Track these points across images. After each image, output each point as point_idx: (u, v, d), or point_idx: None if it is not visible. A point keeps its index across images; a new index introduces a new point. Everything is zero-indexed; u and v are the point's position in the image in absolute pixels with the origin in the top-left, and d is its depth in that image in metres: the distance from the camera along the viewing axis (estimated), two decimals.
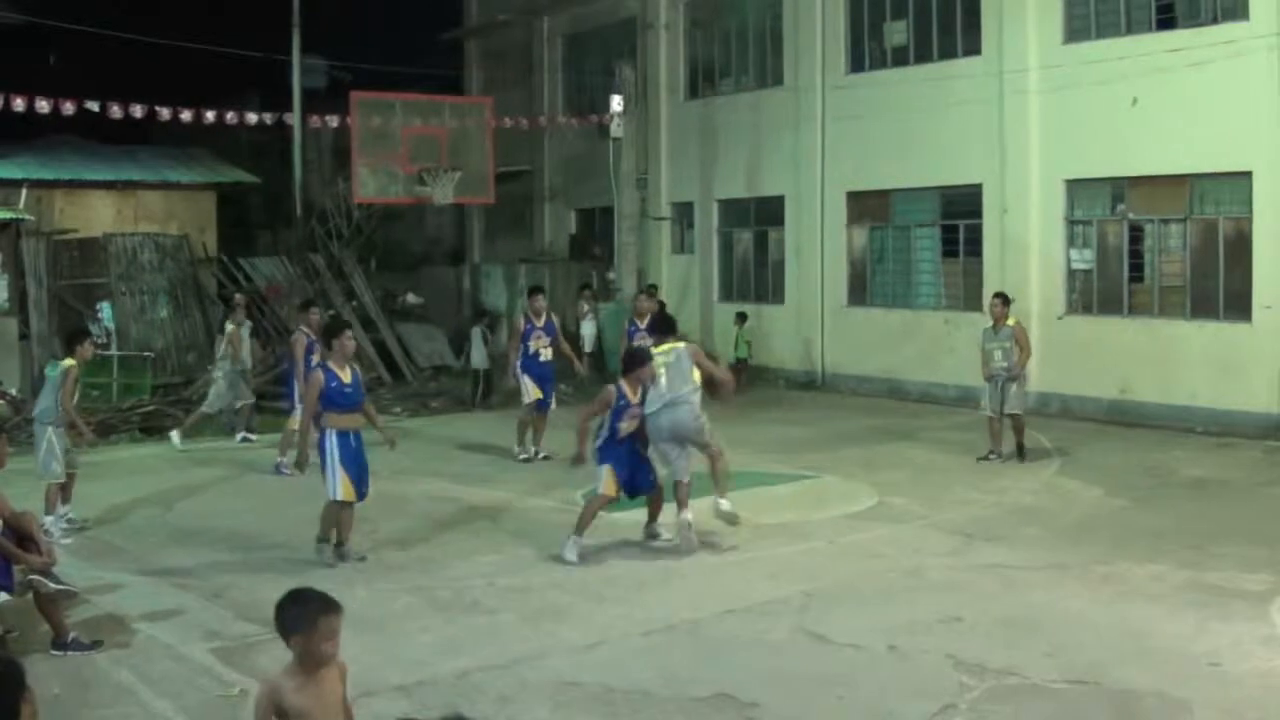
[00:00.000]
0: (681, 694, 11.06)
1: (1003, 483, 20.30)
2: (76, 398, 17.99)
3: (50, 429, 17.60)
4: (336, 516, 15.82)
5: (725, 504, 16.65)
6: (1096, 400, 26.35)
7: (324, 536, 15.84)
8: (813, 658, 11.97)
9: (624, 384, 16.18)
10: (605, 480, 16.10)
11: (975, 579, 14.68)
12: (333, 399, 15.85)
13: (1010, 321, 22.40)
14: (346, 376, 16.12)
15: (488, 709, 10.77)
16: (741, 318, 33.50)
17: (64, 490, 17.78)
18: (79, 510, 18.04)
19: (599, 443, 16.38)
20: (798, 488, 20.32)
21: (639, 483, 16.45)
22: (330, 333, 16.91)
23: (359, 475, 15.92)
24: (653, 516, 16.81)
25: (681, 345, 17.40)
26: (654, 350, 17.04)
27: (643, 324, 22.88)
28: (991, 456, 22.27)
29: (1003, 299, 22.79)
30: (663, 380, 16.71)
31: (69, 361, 17.70)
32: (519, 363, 23.29)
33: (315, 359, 19.88)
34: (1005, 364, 22.12)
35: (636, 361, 16.53)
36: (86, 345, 18.18)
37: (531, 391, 23.09)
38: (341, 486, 15.66)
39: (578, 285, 35.98)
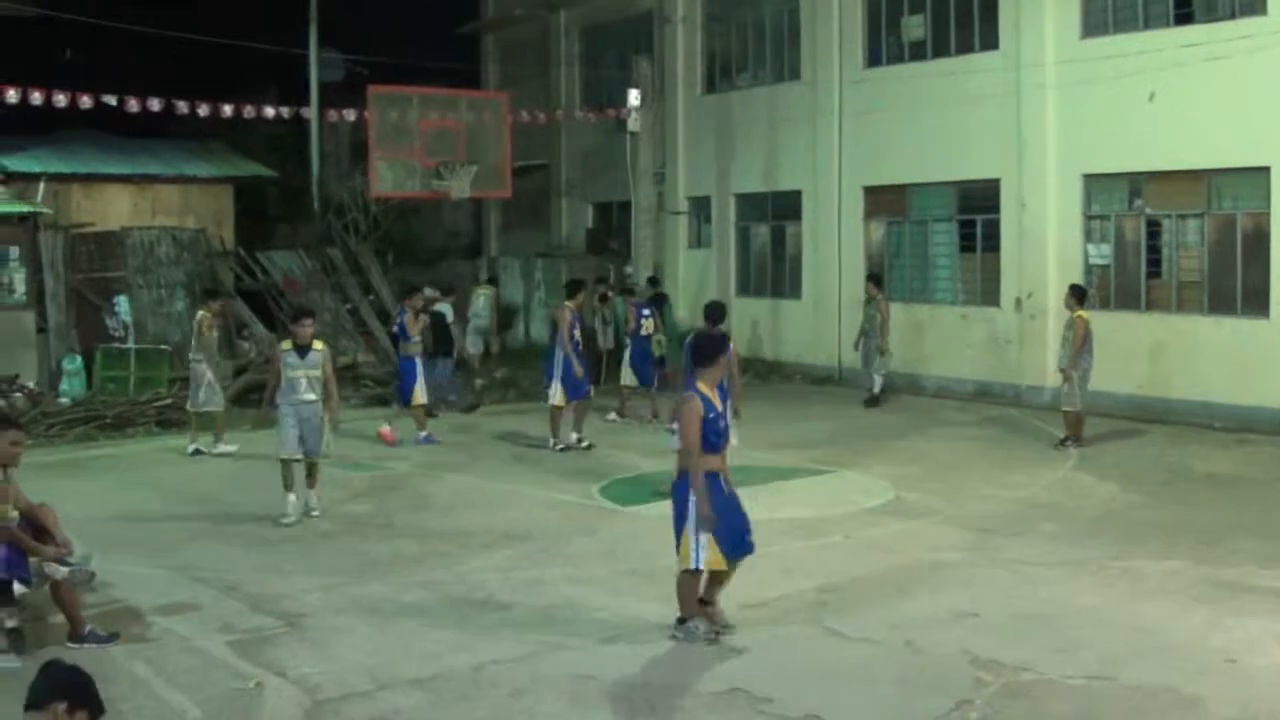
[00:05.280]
0: (697, 688, 11.07)
1: (1019, 478, 20.28)
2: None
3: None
4: (694, 585, 12.43)
5: None
6: (1113, 395, 26.20)
7: (686, 615, 12.45)
8: (828, 653, 11.98)
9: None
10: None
11: (991, 574, 14.68)
12: (704, 434, 12.22)
13: (1076, 314, 22.79)
14: (719, 403, 12.55)
15: (503, 702, 10.80)
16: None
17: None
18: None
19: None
20: (814, 483, 20.31)
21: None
22: (704, 353, 12.75)
23: (734, 532, 12.36)
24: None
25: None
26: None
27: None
28: (1067, 443, 22.95)
29: (1071, 290, 23.38)
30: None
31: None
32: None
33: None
34: (1064, 352, 22.90)
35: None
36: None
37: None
38: (706, 552, 12.12)
39: (593, 279, 35.92)
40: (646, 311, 23.84)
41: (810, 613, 12.87)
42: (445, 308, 29.09)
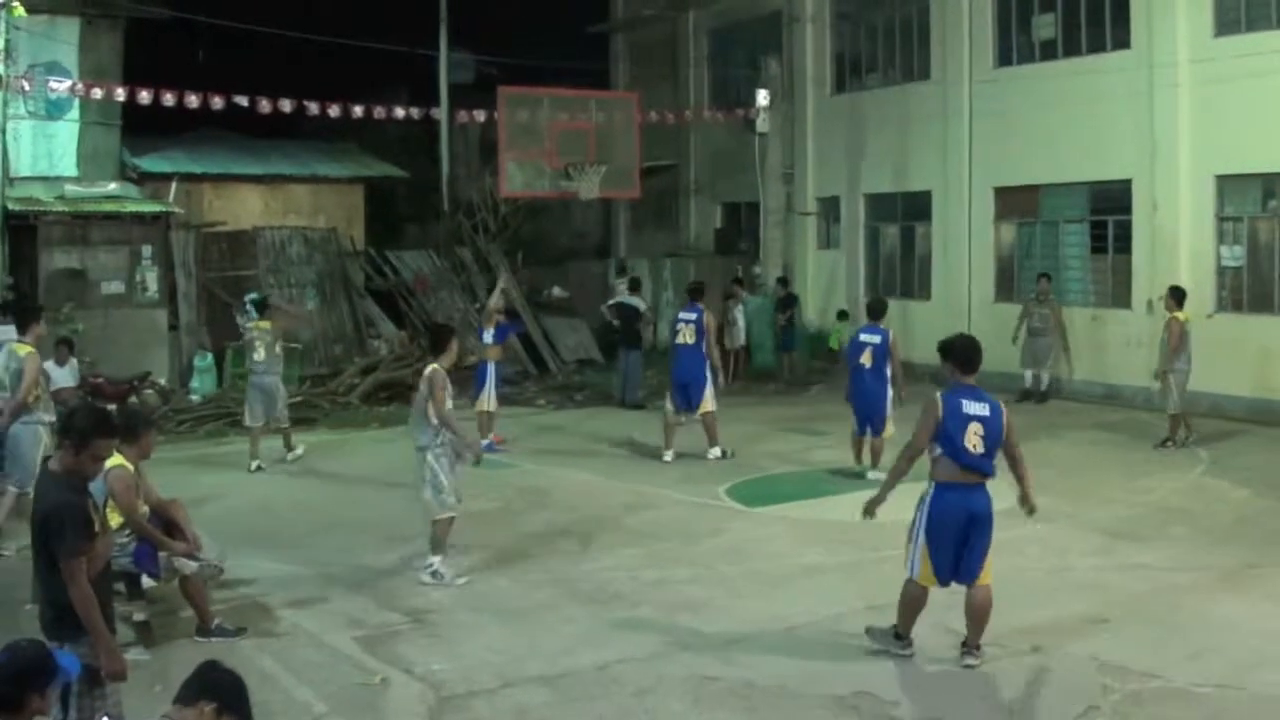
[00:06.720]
0: (821, 691, 11.05)
1: (1149, 482, 20.04)
2: None
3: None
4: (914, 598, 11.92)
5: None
6: (1247, 399, 25.88)
7: (900, 631, 11.98)
8: (954, 656, 11.88)
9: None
10: (920, 563, 11.75)
11: (1121, 579, 14.54)
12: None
13: (1172, 315, 22.72)
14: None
15: (626, 701, 10.84)
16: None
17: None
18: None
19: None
20: None
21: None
22: (974, 359, 12.38)
23: (948, 555, 11.67)
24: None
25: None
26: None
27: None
28: (1167, 444, 22.91)
29: (1170, 292, 23.20)
30: None
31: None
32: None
33: None
34: (1160, 354, 22.90)
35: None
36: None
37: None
38: (920, 563, 11.73)
39: (729, 280, 35.79)
40: (690, 317, 22.78)
41: (937, 615, 12.71)
42: (637, 301, 29.28)
